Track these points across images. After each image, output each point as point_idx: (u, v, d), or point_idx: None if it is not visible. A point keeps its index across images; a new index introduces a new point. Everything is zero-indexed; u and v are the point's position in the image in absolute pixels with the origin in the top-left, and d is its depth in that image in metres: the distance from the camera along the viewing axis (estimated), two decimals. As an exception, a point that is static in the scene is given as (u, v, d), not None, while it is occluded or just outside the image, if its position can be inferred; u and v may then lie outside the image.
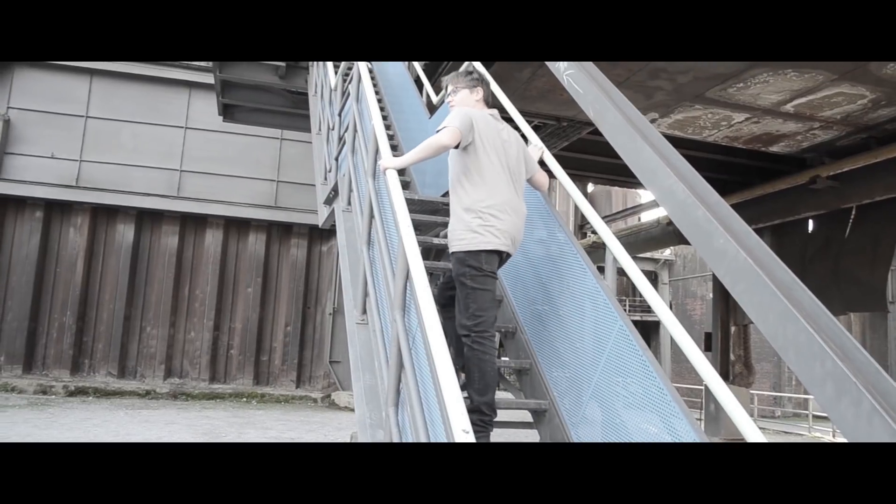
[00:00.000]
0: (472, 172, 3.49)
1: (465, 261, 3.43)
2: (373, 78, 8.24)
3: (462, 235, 3.46)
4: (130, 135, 17.25)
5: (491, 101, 4.02)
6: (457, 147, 3.50)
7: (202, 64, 16.92)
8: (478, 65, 5.51)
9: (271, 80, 11.28)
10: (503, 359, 4.08)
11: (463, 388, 3.29)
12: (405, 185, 6.22)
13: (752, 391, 16.51)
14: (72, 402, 13.87)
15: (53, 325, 16.35)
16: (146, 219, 17.22)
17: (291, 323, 17.61)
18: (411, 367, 2.79)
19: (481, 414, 3.35)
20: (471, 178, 3.49)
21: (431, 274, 4.02)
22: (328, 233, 17.06)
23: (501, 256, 3.51)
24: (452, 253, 3.51)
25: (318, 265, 18.13)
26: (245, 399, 15.96)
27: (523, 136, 4.02)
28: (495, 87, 5.14)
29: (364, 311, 4.27)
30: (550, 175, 4.15)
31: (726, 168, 10.64)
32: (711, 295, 14.82)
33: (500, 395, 3.80)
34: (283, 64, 10.89)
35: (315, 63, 9.45)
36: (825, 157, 9.25)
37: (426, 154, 3.55)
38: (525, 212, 3.65)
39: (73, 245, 16.68)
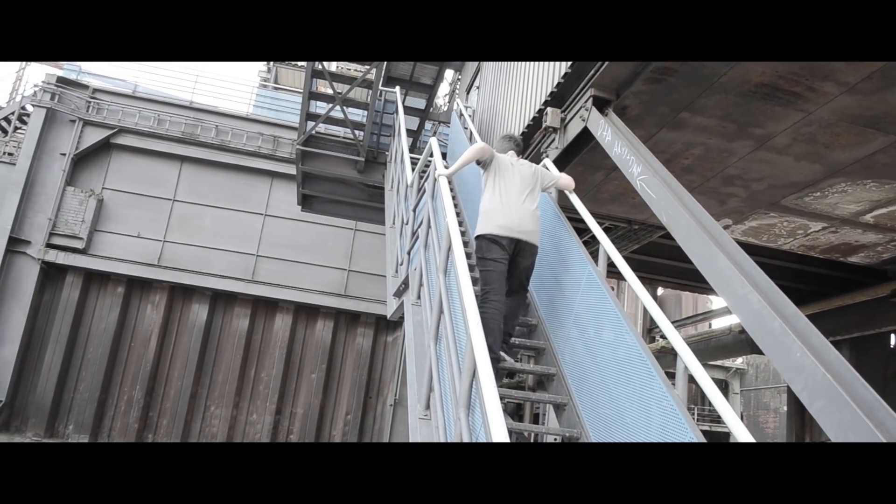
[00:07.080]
0: (488, 188, 4.77)
1: (478, 245, 4.71)
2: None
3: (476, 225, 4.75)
4: (213, 219, 18.06)
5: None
6: (479, 164, 4.83)
7: (285, 155, 17.77)
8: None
9: (350, 174, 11.72)
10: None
11: None
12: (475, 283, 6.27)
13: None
14: (133, 477, 14.01)
15: (123, 397, 16.79)
16: (220, 300, 17.78)
17: (352, 412, 17.59)
18: (474, 467, 2.74)
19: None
20: (488, 191, 4.76)
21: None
22: (394, 323, 17.20)
23: (501, 243, 4.58)
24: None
25: (383, 355, 18.20)
26: (301, 486, 15.80)
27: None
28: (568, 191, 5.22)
29: (427, 407, 4.23)
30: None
31: (802, 277, 10.35)
32: (786, 408, 14.15)
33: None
34: (361, 159, 11.33)
35: (393, 159, 9.79)
36: (907, 270, 8.95)
37: (464, 162, 4.77)
38: (536, 213, 4.74)
39: (150, 321, 17.29)
